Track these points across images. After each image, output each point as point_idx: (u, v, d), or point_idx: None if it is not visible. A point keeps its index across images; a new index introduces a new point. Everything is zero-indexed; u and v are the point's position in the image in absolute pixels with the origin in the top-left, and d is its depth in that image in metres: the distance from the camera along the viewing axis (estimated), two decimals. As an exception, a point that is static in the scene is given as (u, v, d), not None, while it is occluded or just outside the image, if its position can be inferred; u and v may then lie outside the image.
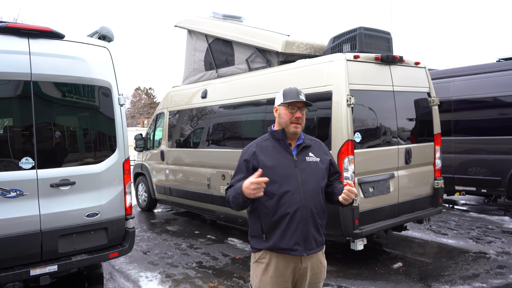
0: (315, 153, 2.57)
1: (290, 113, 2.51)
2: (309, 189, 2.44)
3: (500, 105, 7.52)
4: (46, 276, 3.91)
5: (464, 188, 8.01)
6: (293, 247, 2.39)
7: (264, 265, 2.46)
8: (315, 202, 2.45)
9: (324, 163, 2.58)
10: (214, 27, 7.39)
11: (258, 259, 2.49)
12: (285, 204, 2.39)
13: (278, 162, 2.46)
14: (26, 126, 3.96)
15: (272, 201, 2.40)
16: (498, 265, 5.26)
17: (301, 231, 2.40)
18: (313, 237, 2.44)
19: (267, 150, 2.50)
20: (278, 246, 2.41)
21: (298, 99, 2.51)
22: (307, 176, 2.47)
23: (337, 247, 6.12)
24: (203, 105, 7.26)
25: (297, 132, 2.51)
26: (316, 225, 2.46)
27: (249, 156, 2.49)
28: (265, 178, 2.24)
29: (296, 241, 2.39)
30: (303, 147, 2.54)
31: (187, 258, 5.94)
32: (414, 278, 4.93)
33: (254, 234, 2.52)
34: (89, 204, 4.25)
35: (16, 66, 3.85)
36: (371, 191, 5.11)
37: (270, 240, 2.42)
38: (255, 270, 2.51)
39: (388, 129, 5.46)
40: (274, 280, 2.43)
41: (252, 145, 2.56)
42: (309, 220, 2.42)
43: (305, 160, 2.51)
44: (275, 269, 2.43)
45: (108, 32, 4.59)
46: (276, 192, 2.40)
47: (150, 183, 8.91)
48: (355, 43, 5.45)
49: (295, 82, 5.48)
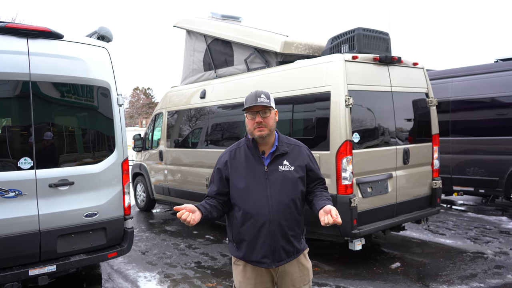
0: (290, 161, 2.44)
1: (251, 119, 2.40)
2: (278, 202, 2.35)
3: (498, 105, 7.54)
4: (44, 276, 3.91)
5: (462, 188, 8.03)
6: (261, 260, 2.38)
7: (241, 267, 2.49)
8: (284, 215, 2.36)
9: (299, 171, 2.44)
10: (213, 28, 7.39)
11: (235, 261, 2.55)
12: (252, 218, 2.36)
13: (247, 175, 2.40)
14: (24, 126, 3.96)
15: (241, 214, 2.39)
16: (495, 265, 5.28)
17: (268, 245, 2.35)
18: (283, 249, 2.38)
19: (239, 159, 2.45)
20: (248, 258, 2.42)
21: (254, 104, 2.36)
22: (277, 188, 2.37)
23: (336, 247, 6.13)
24: (201, 105, 7.27)
25: (263, 135, 2.37)
26: (287, 237, 2.38)
27: (222, 166, 2.48)
28: (186, 213, 2.20)
29: (264, 254, 2.37)
30: (276, 155, 2.42)
31: (186, 258, 5.94)
32: (412, 278, 4.94)
33: (228, 239, 2.57)
34: (88, 204, 4.25)
35: (15, 66, 3.85)
36: (369, 191, 5.13)
37: (240, 250, 2.44)
38: (235, 271, 2.56)
39: (386, 130, 5.48)
40: (252, 281, 2.45)
41: (226, 153, 2.52)
42: (277, 233, 2.35)
43: (277, 169, 2.40)
44: (252, 272, 2.46)
45: (107, 32, 4.59)
46: (243, 206, 2.38)
47: (149, 183, 8.90)
48: (354, 43, 5.46)
49: (294, 82, 5.50)
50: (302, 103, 5.40)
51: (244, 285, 2.46)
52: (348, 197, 4.78)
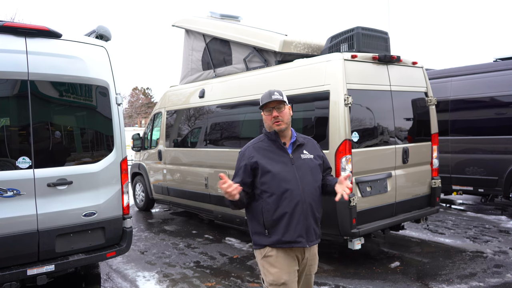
0: (308, 151, 2.71)
1: (268, 115, 2.65)
2: (307, 185, 2.59)
3: (497, 105, 7.54)
4: (43, 276, 3.91)
5: (461, 187, 8.03)
6: (297, 239, 2.53)
7: (273, 258, 2.56)
8: (313, 196, 2.60)
9: (317, 159, 2.72)
10: (212, 27, 7.38)
11: (265, 254, 2.60)
12: (286, 200, 2.52)
13: (276, 161, 2.60)
14: (23, 125, 3.95)
15: (273, 198, 2.54)
16: (495, 264, 5.28)
17: (303, 224, 2.54)
18: (313, 230, 2.61)
19: (263, 150, 2.64)
20: (282, 240, 2.53)
21: (269, 100, 2.61)
22: (304, 172, 2.61)
23: (335, 247, 6.13)
24: (200, 105, 7.26)
25: (281, 129, 2.63)
26: (315, 218, 2.63)
27: (248, 159, 2.62)
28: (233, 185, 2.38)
29: (299, 233, 2.53)
30: (297, 145, 2.68)
31: (185, 257, 5.93)
32: (412, 277, 4.94)
33: (256, 230, 2.63)
34: (87, 204, 4.24)
35: (13, 65, 3.84)
36: (369, 190, 5.12)
37: (273, 235, 2.55)
38: (265, 265, 2.60)
39: (386, 129, 5.47)
40: (286, 270, 2.55)
41: (249, 147, 2.69)
42: (309, 213, 2.57)
43: (300, 157, 2.65)
44: (284, 259, 2.55)
45: (105, 32, 4.58)
46: (276, 190, 2.54)
47: (148, 182, 8.89)
48: (353, 42, 5.46)
49: (293, 81, 5.49)
50: (301, 102, 5.39)
51: (280, 274, 2.54)
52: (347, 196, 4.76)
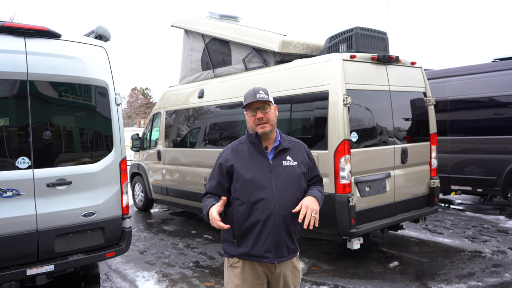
0: (293, 157, 2.45)
1: (251, 116, 2.41)
2: (284, 195, 2.35)
3: (496, 105, 7.55)
4: (42, 276, 3.91)
5: (460, 187, 8.04)
6: (265, 254, 2.34)
7: (239, 269, 2.41)
8: (288, 208, 2.34)
9: (302, 167, 2.46)
10: (211, 27, 7.39)
11: (232, 263, 2.45)
12: (258, 210, 2.32)
13: (253, 167, 2.38)
14: (22, 125, 3.95)
15: (244, 207, 2.35)
16: (493, 264, 5.29)
17: (272, 238, 2.33)
18: (285, 244, 2.38)
19: (242, 154, 2.42)
20: (250, 253, 2.36)
21: (253, 99, 2.37)
22: (282, 181, 2.37)
23: (334, 247, 6.14)
24: (200, 105, 7.26)
25: (265, 132, 2.39)
26: (289, 232, 2.38)
27: (223, 160, 2.44)
28: (224, 226, 2.24)
29: (267, 248, 2.33)
30: (280, 150, 2.43)
31: (184, 257, 5.94)
32: (410, 277, 4.95)
33: (225, 238, 2.47)
34: (86, 204, 4.25)
35: (12, 65, 3.84)
36: (368, 190, 5.13)
37: (242, 246, 2.38)
38: (230, 275, 2.46)
39: (385, 129, 5.48)
40: (250, 284, 2.39)
41: (228, 148, 2.49)
42: (281, 227, 2.34)
43: (281, 164, 2.40)
44: (250, 273, 2.40)
45: (104, 32, 4.59)
46: (249, 198, 2.34)
47: (147, 183, 8.89)
48: (352, 43, 5.47)
49: (292, 82, 5.50)
50: (300, 103, 5.40)
51: (242, 287, 2.41)
52: (346, 196, 4.78)
